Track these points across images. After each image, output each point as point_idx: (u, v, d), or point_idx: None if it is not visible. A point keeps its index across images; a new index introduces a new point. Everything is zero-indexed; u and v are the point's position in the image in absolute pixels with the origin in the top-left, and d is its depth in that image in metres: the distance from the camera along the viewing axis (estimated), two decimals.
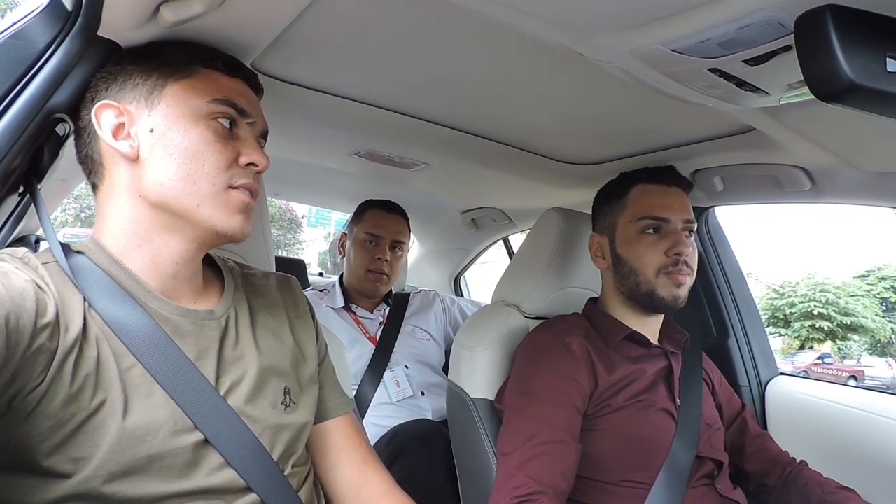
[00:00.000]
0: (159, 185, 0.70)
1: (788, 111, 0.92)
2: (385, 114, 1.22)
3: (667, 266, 1.12)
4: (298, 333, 0.87)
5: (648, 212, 1.15)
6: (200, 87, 0.73)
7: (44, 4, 0.77)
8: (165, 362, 0.67)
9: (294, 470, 0.77)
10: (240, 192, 0.73)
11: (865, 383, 15.08)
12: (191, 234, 0.73)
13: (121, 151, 0.71)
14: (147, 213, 0.72)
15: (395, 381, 1.69)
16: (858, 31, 0.55)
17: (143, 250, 0.72)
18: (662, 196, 1.16)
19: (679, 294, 1.13)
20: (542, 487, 0.94)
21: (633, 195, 1.19)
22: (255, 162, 0.74)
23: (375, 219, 1.84)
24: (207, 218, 0.71)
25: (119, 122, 0.71)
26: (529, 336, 1.21)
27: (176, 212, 0.71)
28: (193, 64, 0.74)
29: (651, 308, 1.16)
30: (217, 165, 0.71)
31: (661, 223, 1.14)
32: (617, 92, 1.02)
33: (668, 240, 1.13)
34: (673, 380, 1.16)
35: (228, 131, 0.74)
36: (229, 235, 0.73)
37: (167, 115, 0.71)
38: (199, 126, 0.71)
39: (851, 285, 20.95)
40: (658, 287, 1.13)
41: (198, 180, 0.70)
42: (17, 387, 0.57)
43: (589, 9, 0.67)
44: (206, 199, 0.71)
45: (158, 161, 0.70)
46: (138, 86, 0.73)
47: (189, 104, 0.72)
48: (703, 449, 1.12)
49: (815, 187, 1.24)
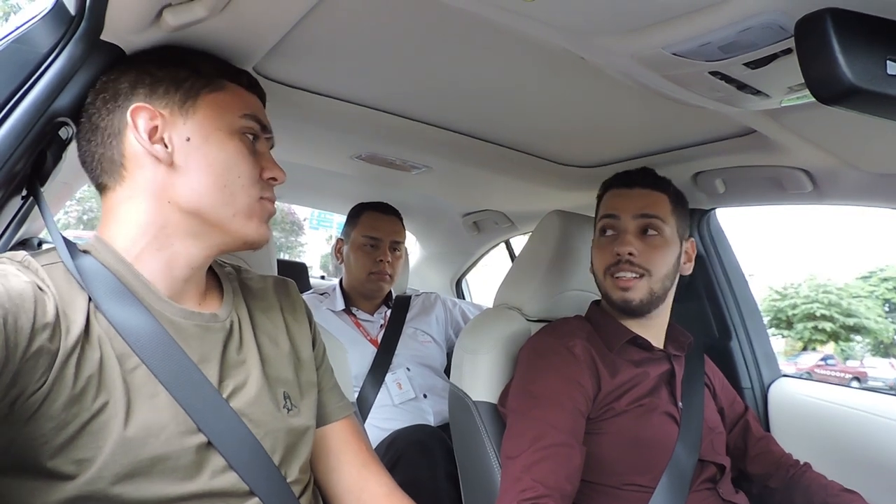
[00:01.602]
0: (196, 195, 0.72)
1: (789, 113, 0.92)
2: (386, 117, 1.23)
3: (610, 266, 1.14)
4: (295, 337, 0.87)
5: (604, 211, 1.19)
6: (230, 101, 0.76)
7: (47, 9, 0.77)
8: (169, 364, 0.67)
9: (298, 476, 0.77)
10: (268, 202, 0.79)
11: (868, 385, 15.03)
12: (216, 241, 0.75)
13: (156, 155, 0.71)
14: (174, 218, 0.72)
15: (396, 384, 1.69)
16: (859, 33, 0.55)
17: (160, 254, 0.72)
18: (619, 197, 1.18)
19: (628, 297, 1.12)
20: (548, 491, 0.94)
21: (604, 199, 1.22)
22: (276, 176, 0.79)
23: (372, 221, 1.85)
24: (240, 227, 0.75)
25: (153, 126, 0.72)
26: (532, 339, 1.21)
27: (209, 220, 0.73)
28: (222, 77, 0.77)
29: (616, 310, 1.17)
30: (251, 178, 0.76)
31: (613, 221, 1.16)
32: (618, 95, 1.02)
33: (618, 239, 1.14)
34: (675, 383, 1.16)
35: (252, 146, 0.78)
36: (256, 243, 0.78)
37: (203, 126, 0.73)
38: (233, 140, 0.75)
39: (854, 286, 20.88)
40: (608, 289, 1.16)
41: (235, 192, 0.74)
42: (19, 389, 0.57)
43: (590, 12, 0.67)
44: (241, 209, 0.75)
45: (196, 171, 0.72)
46: (170, 93, 0.74)
47: (223, 118, 0.75)
48: (706, 453, 1.11)
49: (816, 189, 1.24)
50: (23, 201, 0.83)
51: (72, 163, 0.87)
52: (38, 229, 1.58)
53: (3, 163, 0.70)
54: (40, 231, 1.61)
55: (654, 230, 1.14)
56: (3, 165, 0.71)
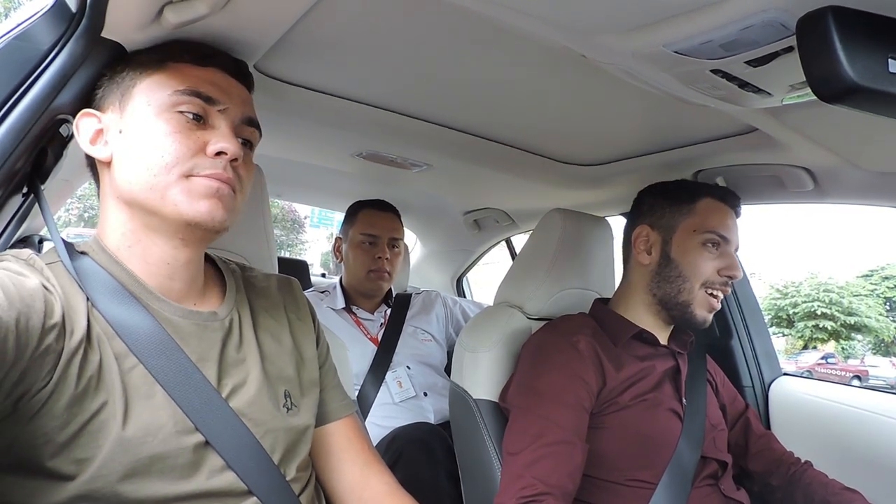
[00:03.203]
0: (128, 184, 0.70)
1: (791, 112, 0.92)
2: (387, 115, 1.22)
3: (714, 284, 1.14)
4: (298, 336, 0.87)
5: (716, 228, 1.15)
6: (165, 80, 0.73)
7: (48, 6, 0.77)
8: (167, 363, 0.67)
9: (298, 475, 0.77)
10: (205, 178, 0.70)
11: (869, 383, 15.03)
12: (168, 230, 0.72)
13: (98, 156, 0.73)
14: (126, 214, 0.72)
15: (397, 382, 1.69)
16: (860, 31, 0.55)
17: (133, 251, 0.72)
18: (728, 217, 1.18)
19: (708, 318, 1.16)
20: (548, 488, 0.94)
21: (703, 206, 1.18)
22: (222, 150, 0.71)
23: (369, 219, 1.85)
24: (173, 209, 0.69)
25: (98, 129, 0.73)
26: (536, 336, 1.21)
27: (145, 208, 0.70)
28: (163, 60, 0.74)
29: (678, 318, 1.17)
30: (176, 155, 0.69)
31: (723, 242, 1.16)
32: (619, 93, 1.02)
33: (724, 259, 1.14)
34: (679, 380, 1.16)
35: (195, 122, 0.72)
36: (198, 223, 0.70)
37: (134, 114, 0.72)
38: (160, 120, 0.70)
39: (855, 285, 20.90)
40: (695, 302, 1.14)
41: (157, 172, 0.69)
42: (25, 387, 0.57)
43: (591, 11, 0.67)
44: (167, 189, 0.69)
45: (125, 160, 0.71)
46: (113, 91, 0.75)
47: (152, 99, 0.72)
48: (708, 449, 1.12)
49: (818, 187, 1.24)
50: (23, 199, 0.83)
51: (73, 160, 0.87)
52: (38, 227, 1.58)
53: (3, 160, 0.70)
54: (41, 228, 1.61)
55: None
56: (4, 163, 0.71)
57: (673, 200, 1.20)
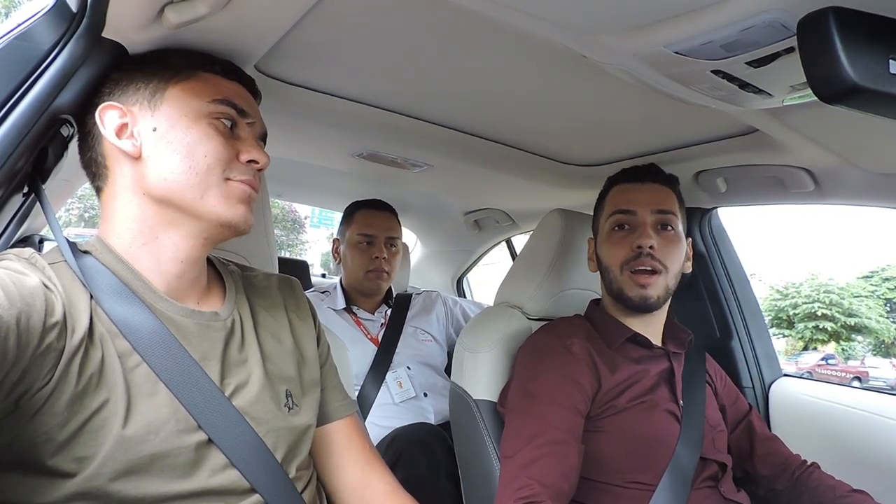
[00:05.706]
0: (163, 180, 0.72)
1: (791, 112, 0.92)
2: (388, 115, 1.23)
3: (629, 260, 1.12)
4: (299, 335, 0.87)
5: (616, 206, 1.17)
6: (200, 88, 0.75)
7: (49, 6, 0.77)
8: (170, 362, 0.68)
9: (299, 473, 0.77)
10: (240, 183, 0.75)
11: (870, 384, 15.02)
12: (195, 229, 0.74)
13: (124, 150, 0.73)
14: (152, 210, 0.73)
15: (397, 382, 1.69)
16: (861, 32, 0.55)
17: (147, 248, 0.73)
18: (632, 191, 1.18)
19: (646, 294, 1.11)
20: (543, 489, 0.94)
21: (611, 195, 1.21)
22: (255, 159, 0.76)
23: (366, 219, 1.85)
24: (211, 209, 0.73)
25: (122, 123, 0.73)
26: (531, 338, 1.21)
27: (180, 205, 0.72)
28: (193, 68, 0.77)
29: (629, 306, 1.15)
30: (218, 157, 0.73)
31: (629, 216, 1.15)
32: (619, 94, 1.02)
33: (632, 234, 1.13)
34: (675, 381, 1.16)
35: (229, 130, 0.76)
36: (233, 225, 0.75)
37: (169, 116, 0.73)
38: (200, 123, 0.74)
39: (855, 286, 20.88)
40: (624, 285, 1.13)
41: (199, 171, 0.72)
42: (26, 385, 0.57)
43: (591, 11, 0.67)
44: (208, 189, 0.73)
45: (161, 157, 0.72)
46: (140, 89, 0.75)
47: (190, 104, 0.74)
48: (707, 451, 1.11)
49: (818, 188, 1.24)
50: (24, 199, 0.83)
51: (73, 160, 0.87)
52: (39, 226, 1.58)
53: (4, 160, 0.70)
54: (41, 228, 1.61)
55: (670, 226, 1.14)
56: (5, 162, 0.71)
57: (597, 202, 1.25)
